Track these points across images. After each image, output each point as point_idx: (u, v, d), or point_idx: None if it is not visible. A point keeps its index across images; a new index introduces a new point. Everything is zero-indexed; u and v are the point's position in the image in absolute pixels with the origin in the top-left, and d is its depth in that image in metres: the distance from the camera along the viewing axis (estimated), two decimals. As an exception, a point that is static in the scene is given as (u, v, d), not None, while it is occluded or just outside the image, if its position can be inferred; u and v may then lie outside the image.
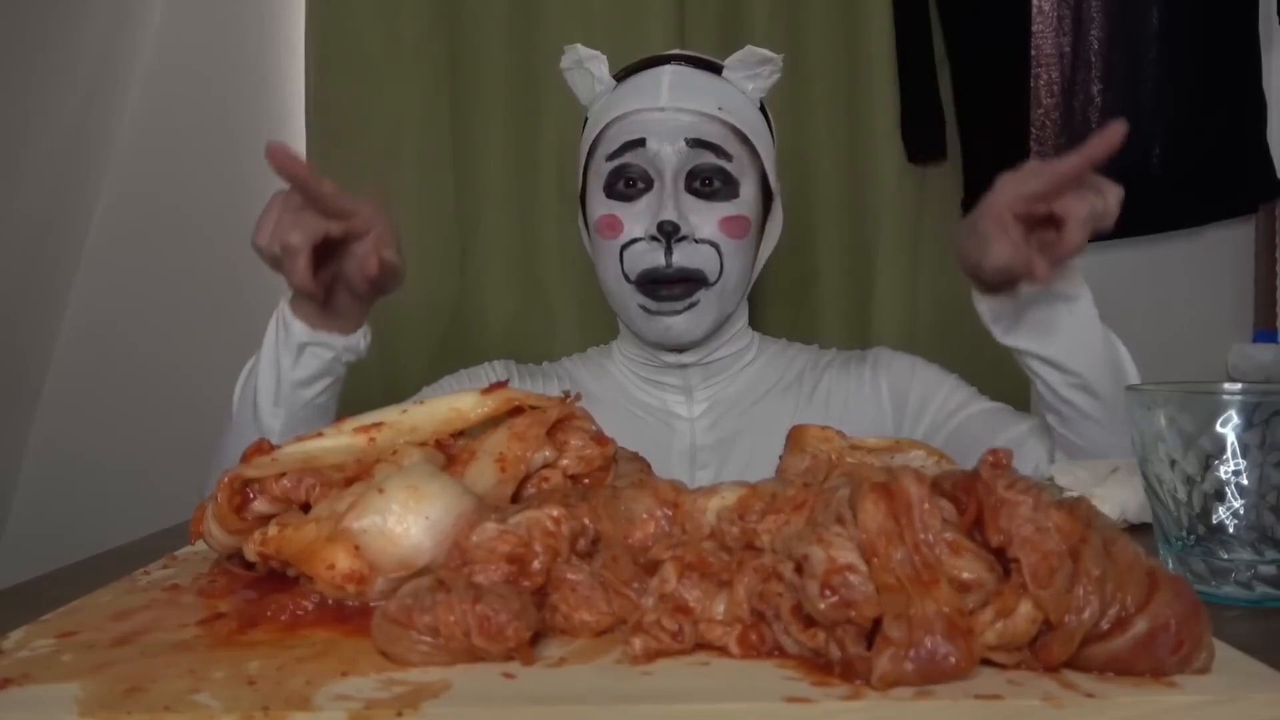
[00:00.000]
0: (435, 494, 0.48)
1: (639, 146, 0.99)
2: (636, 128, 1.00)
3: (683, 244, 0.98)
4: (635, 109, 1.00)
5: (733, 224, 1.00)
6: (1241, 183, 1.51)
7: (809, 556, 0.41)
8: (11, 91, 1.34)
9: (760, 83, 1.03)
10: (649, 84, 1.01)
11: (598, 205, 1.03)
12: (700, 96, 1.00)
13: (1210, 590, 0.58)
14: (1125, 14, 1.51)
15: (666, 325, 1.00)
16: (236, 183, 1.60)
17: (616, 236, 1.00)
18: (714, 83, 1.02)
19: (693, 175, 0.99)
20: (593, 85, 1.04)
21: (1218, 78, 1.49)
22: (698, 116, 1.00)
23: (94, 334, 1.61)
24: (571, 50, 1.05)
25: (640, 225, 0.99)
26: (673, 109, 0.99)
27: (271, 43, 1.59)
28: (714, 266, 0.99)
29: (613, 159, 1.01)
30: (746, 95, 1.03)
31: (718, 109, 1.00)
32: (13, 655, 0.44)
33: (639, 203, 1.00)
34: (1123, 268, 1.58)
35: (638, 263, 1.00)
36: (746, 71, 1.02)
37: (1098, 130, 0.83)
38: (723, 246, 0.99)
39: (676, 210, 0.98)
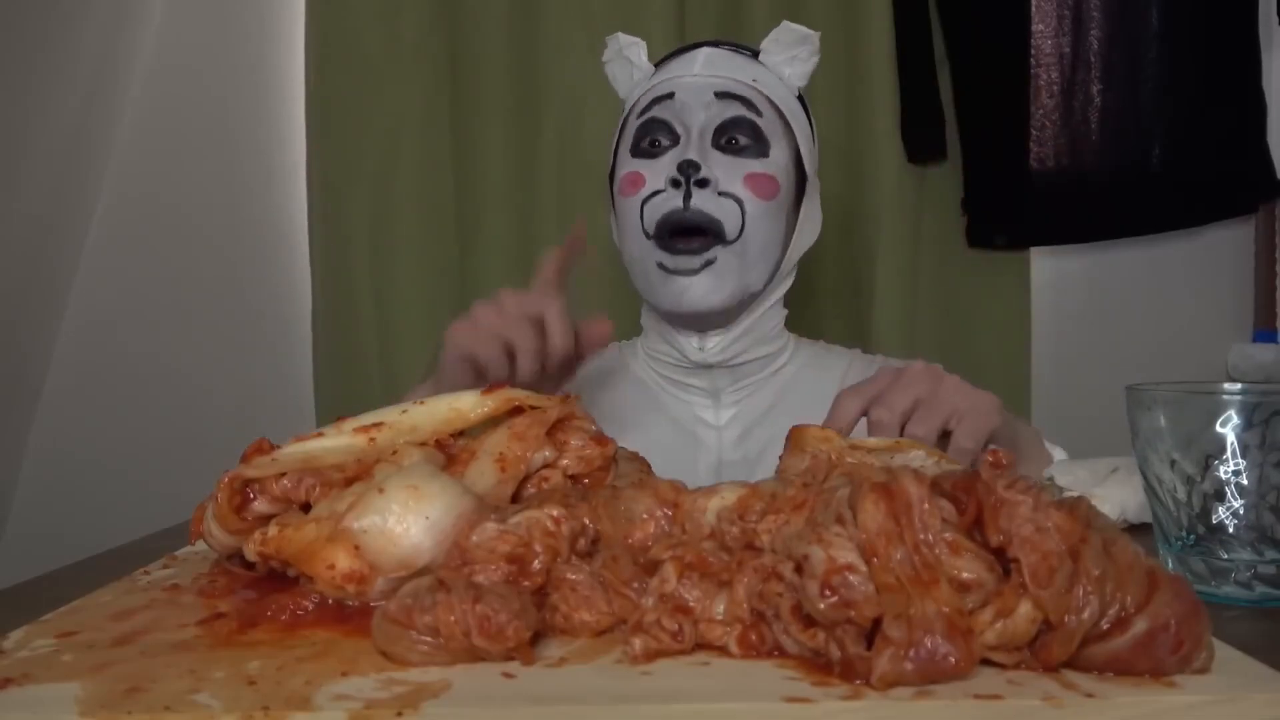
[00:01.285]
0: (435, 494, 0.48)
1: (667, 100, 0.97)
2: (667, 86, 0.98)
3: (703, 191, 0.92)
4: (668, 76, 0.99)
5: (759, 181, 0.94)
6: (1241, 183, 1.51)
7: (809, 556, 0.41)
8: (11, 91, 1.34)
9: (799, 67, 1.00)
10: (684, 59, 1.00)
11: (623, 165, 0.99)
12: (735, 68, 0.99)
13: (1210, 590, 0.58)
14: (1125, 14, 1.51)
15: (683, 287, 0.93)
16: (236, 183, 1.61)
17: (637, 192, 0.96)
18: (750, 63, 1.00)
19: (721, 131, 0.95)
20: (631, 74, 1.02)
21: (1218, 78, 1.49)
22: (729, 79, 0.97)
23: (94, 334, 1.62)
24: (613, 40, 1.03)
25: (662, 177, 0.95)
26: (705, 74, 0.97)
27: (271, 43, 1.59)
28: (734, 222, 0.93)
29: (641, 115, 0.98)
30: (784, 81, 1.00)
31: (752, 80, 0.98)
32: (13, 655, 0.44)
33: (663, 158, 0.96)
34: (1123, 268, 1.58)
35: (657, 212, 0.94)
36: (784, 54, 0.99)
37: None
38: (746, 204, 0.93)
39: (700, 154, 0.93)
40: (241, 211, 1.61)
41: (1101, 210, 1.54)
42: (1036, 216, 1.51)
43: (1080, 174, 1.53)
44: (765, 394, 1.01)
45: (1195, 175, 1.51)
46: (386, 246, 1.49)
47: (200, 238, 1.61)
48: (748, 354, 1.00)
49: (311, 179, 1.50)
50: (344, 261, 1.49)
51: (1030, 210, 1.50)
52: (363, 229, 1.49)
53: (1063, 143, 1.52)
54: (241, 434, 0.68)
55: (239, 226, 1.61)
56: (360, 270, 1.49)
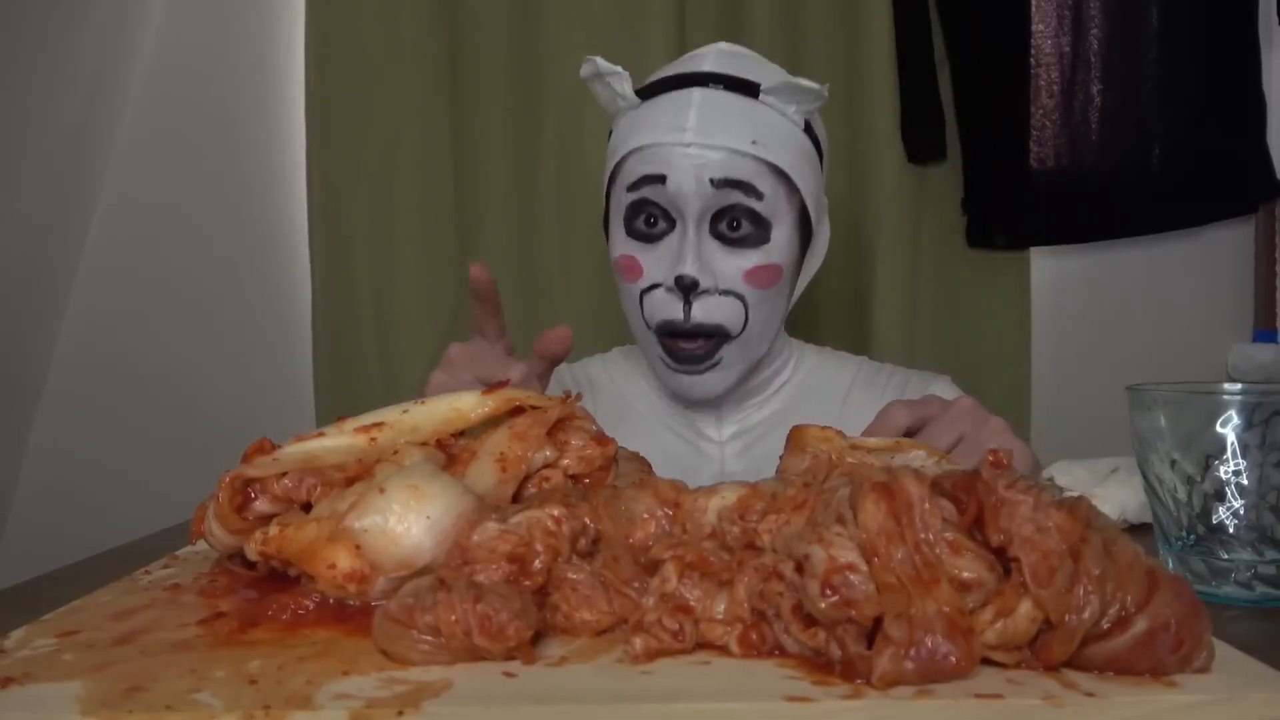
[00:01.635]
0: (436, 494, 0.48)
1: (659, 183, 0.90)
2: (657, 162, 0.91)
3: (703, 298, 0.90)
4: (657, 141, 0.91)
5: (760, 274, 0.91)
6: (1241, 183, 1.51)
7: (809, 556, 0.41)
8: (11, 91, 1.34)
9: (805, 105, 0.93)
10: (674, 110, 0.91)
11: (618, 243, 0.95)
12: (731, 129, 0.90)
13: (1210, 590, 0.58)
14: (1125, 14, 1.51)
15: (689, 384, 0.94)
16: (236, 183, 1.61)
17: (636, 281, 0.93)
18: (749, 108, 0.91)
19: (719, 217, 0.90)
20: (615, 99, 0.97)
21: (1218, 78, 1.49)
22: (727, 153, 0.89)
23: (94, 334, 1.61)
24: (589, 62, 0.97)
25: (660, 270, 0.92)
26: (699, 145, 0.89)
27: (271, 43, 1.59)
28: (737, 320, 0.91)
29: (632, 191, 0.93)
30: (788, 118, 0.92)
31: (751, 143, 0.89)
32: (14, 655, 0.44)
33: (659, 246, 0.92)
34: (1123, 268, 1.58)
35: (657, 312, 0.92)
36: (787, 96, 0.92)
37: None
38: (748, 298, 0.91)
39: (697, 260, 0.89)
40: (241, 211, 1.61)
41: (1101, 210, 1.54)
42: (1036, 216, 1.51)
43: (1080, 174, 1.53)
44: (769, 407, 1.02)
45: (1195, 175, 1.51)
46: (386, 246, 1.49)
47: (200, 238, 1.61)
48: (751, 382, 1.00)
49: (311, 179, 1.50)
50: (344, 261, 1.49)
51: (1030, 210, 1.50)
52: (363, 229, 1.49)
53: (1063, 143, 1.52)
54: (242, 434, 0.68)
55: (239, 226, 1.61)
56: (360, 270, 1.49)
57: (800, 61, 1.46)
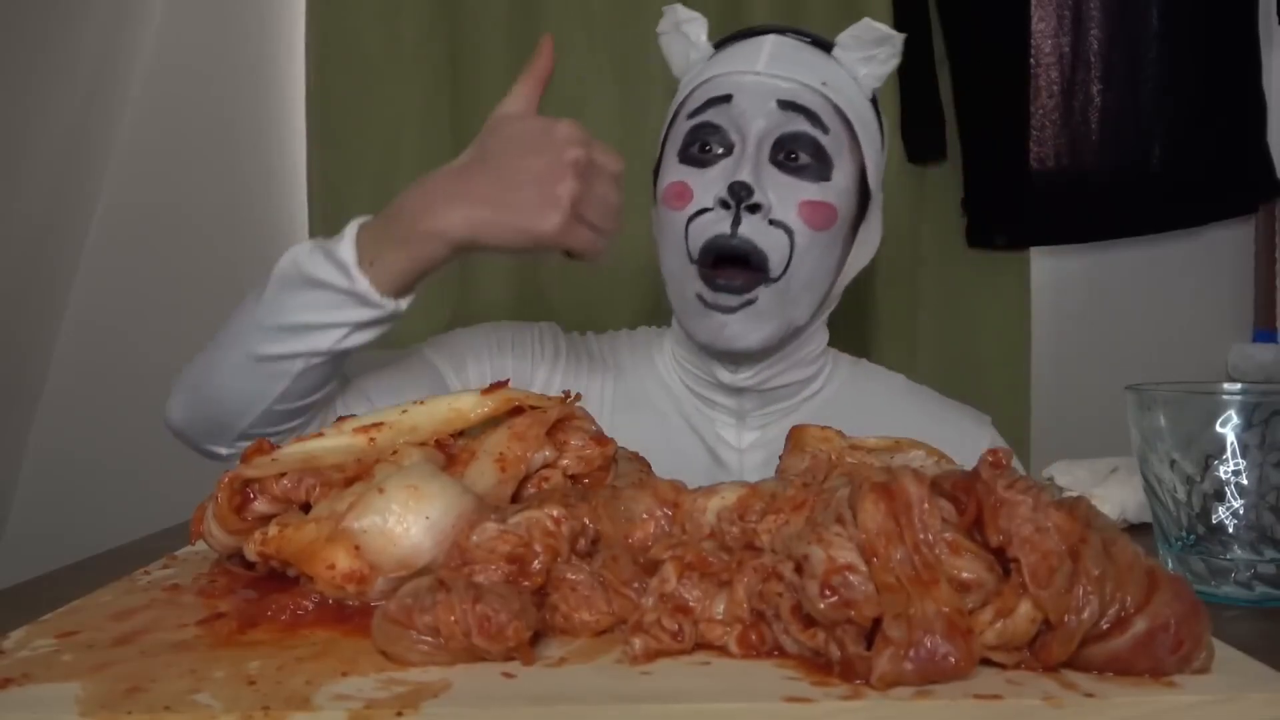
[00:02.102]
0: (435, 494, 0.48)
1: (724, 103, 0.88)
2: (725, 86, 0.89)
3: (754, 216, 0.85)
4: (727, 71, 0.89)
5: (816, 210, 0.86)
6: (1241, 183, 1.51)
7: (809, 556, 0.41)
8: (11, 91, 1.34)
9: (875, 68, 0.91)
10: (747, 50, 0.91)
11: (669, 171, 0.90)
12: (803, 68, 0.89)
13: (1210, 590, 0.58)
14: (1125, 14, 1.51)
15: (720, 324, 0.87)
16: (236, 183, 1.61)
17: (684, 207, 0.88)
18: (821, 59, 0.91)
19: (780, 145, 0.87)
20: (688, 51, 0.94)
21: (1218, 78, 1.49)
22: (797, 84, 0.88)
23: (94, 334, 1.61)
24: (670, 12, 0.94)
25: (711, 193, 0.86)
26: (769, 74, 0.88)
27: (271, 43, 1.59)
28: (780, 255, 0.86)
29: (694, 116, 0.89)
30: (857, 81, 0.91)
31: (821, 84, 0.88)
32: (13, 655, 0.44)
33: (713, 169, 0.87)
34: (1123, 268, 1.58)
35: (703, 233, 0.86)
36: (860, 52, 0.90)
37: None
38: (797, 235, 0.86)
39: (754, 175, 0.85)
40: (242, 211, 1.61)
41: (1101, 210, 1.54)
42: (1036, 216, 1.51)
43: (1080, 174, 1.53)
44: (794, 418, 0.92)
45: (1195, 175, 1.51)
46: (386, 246, 1.49)
47: (200, 238, 1.61)
48: (781, 379, 0.94)
49: (311, 179, 1.50)
50: (344, 261, 1.49)
51: (1030, 210, 1.50)
52: (363, 229, 1.49)
53: (1063, 143, 1.52)
54: (241, 434, 0.68)
55: (239, 227, 1.61)
56: (360, 270, 1.49)
57: (800, 61, 1.46)
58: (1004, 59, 1.48)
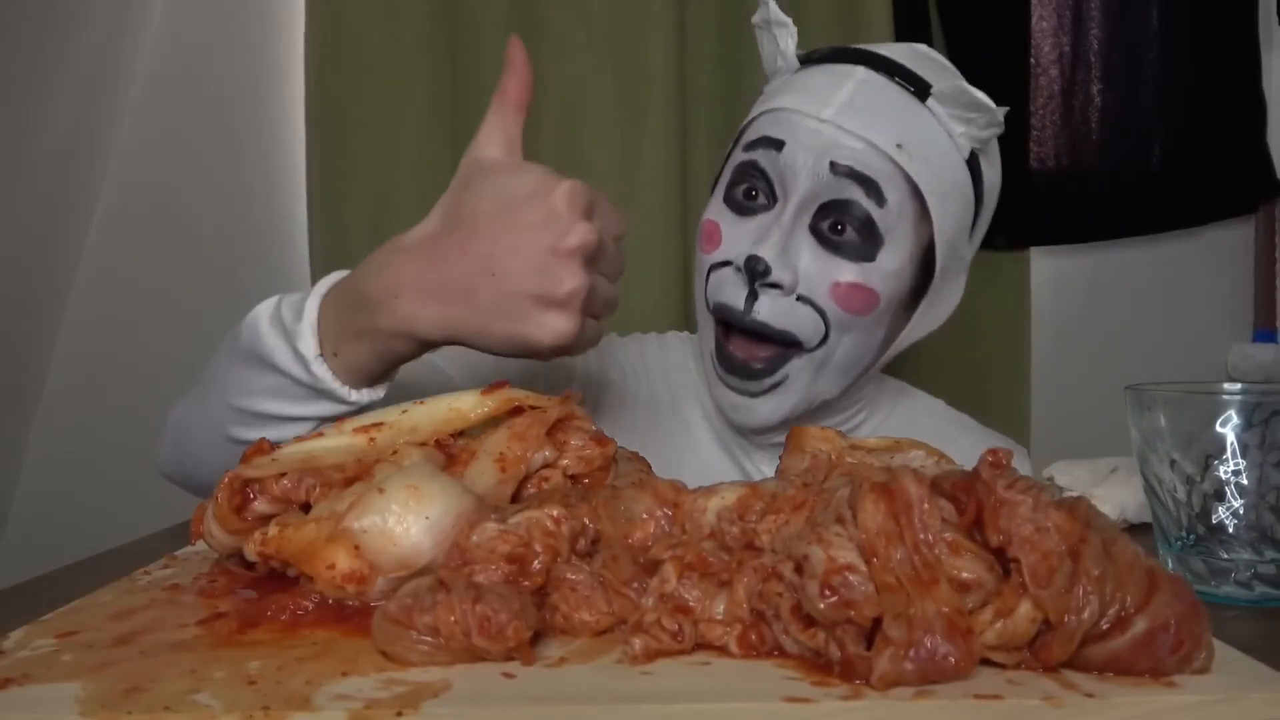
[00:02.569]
0: (435, 494, 0.48)
1: (774, 149, 0.78)
2: (783, 127, 0.78)
3: (773, 294, 0.76)
4: (794, 108, 0.79)
5: (852, 294, 0.76)
6: (1241, 183, 1.51)
7: (809, 556, 0.41)
8: (11, 92, 1.34)
9: (973, 130, 0.80)
10: (828, 83, 0.80)
11: (711, 207, 0.83)
12: (880, 122, 0.77)
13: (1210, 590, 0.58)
14: (1125, 14, 1.51)
15: (737, 405, 0.80)
16: (237, 183, 1.61)
17: (711, 252, 0.80)
18: (910, 109, 0.79)
19: (824, 212, 0.77)
20: (775, 57, 0.85)
21: (1218, 78, 1.49)
22: (864, 145, 0.76)
23: (94, 334, 1.61)
24: (764, 7, 0.85)
25: (739, 246, 0.78)
26: (835, 125, 0.76)
27: (271, 43, 1.59)
28: (814, 330, 0.77)
29: (746, 152, 0.80)
30: (953, 138, 0.80)
31: (896, 146, 0.76)
32: (13, 655, 0.44)
33: (750, 222, 0.79)
34: (1123, 268, 1.58)
35: (718, 292, 0.79)
36: (956, 110, 0.79)
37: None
38: (830, 316, 0.76)
39: (781, 248, 0.75)
40: (241, 212, 1.61)
41: (1101, 210, 1.54)
42: (1036, 216, 1.51)
43: (1080, 174, 1.53)
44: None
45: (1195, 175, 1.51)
46: (386, 247, 1.49)
47: (200, 238, 1.61)
48: (824, 420, 0.86)
49: (311, 179, 1.50)
50: (344, 262, 1.47)
51: (1030, 210, 1.50)
52: (363, 229, 1.49)
53: (1063, 143, 1.52)
54: (241, 434, 0.68)
55: (239, 227, 1.61)
56: (360, 270, 1.49)
57: (800, 61, 1.46)
58: (1004, 59, 1.48)
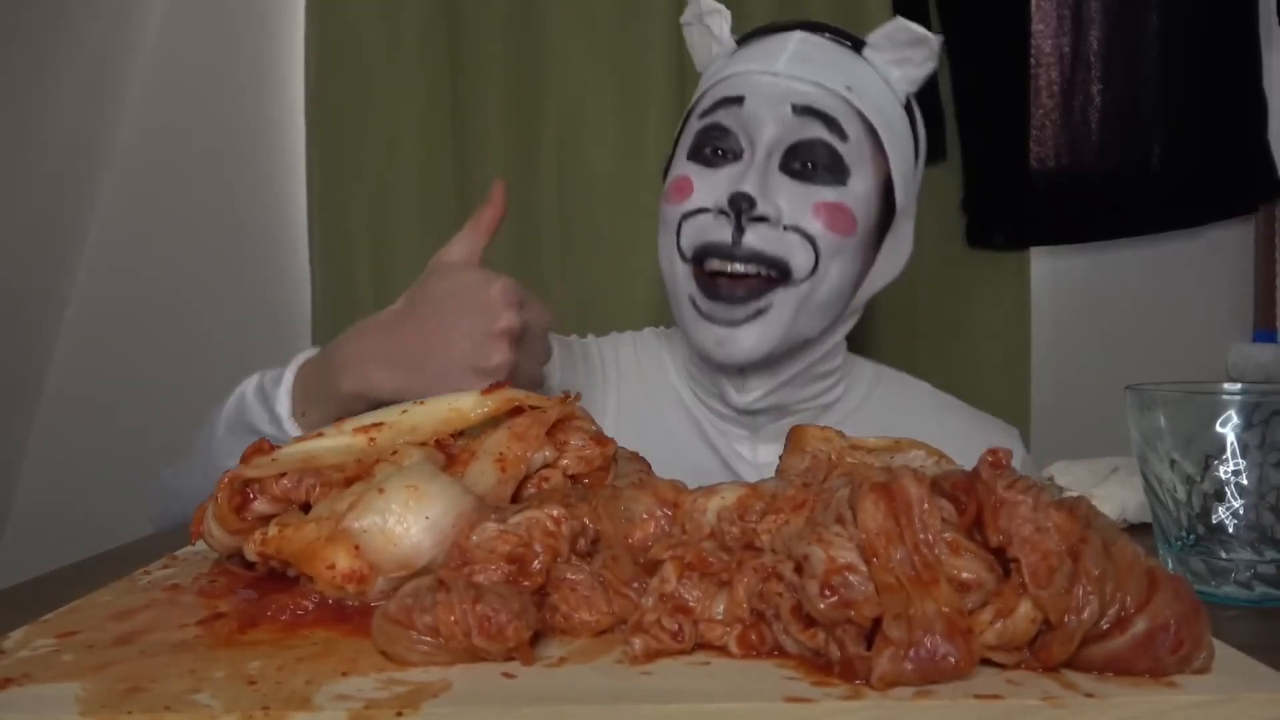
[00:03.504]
0: (435, 494, 0.48)
1: (735, 105, 0.81)
2: (739, 86, 0.82)
3: (759, 225, 0.78)
4: (745, 70, 0.83)
5: (834, 213, 0.78)
6: (1241, 183, 1.51)
7: (809, 556, 0.41)
8: (11, 91, 1.34)
9: (910, 70, 0.84)
10: (769, 47, 0.84)
11: (676, 167, 0.85)
12: (827, 70, 0.82)
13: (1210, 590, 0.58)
14: (1125, 14, 1.51)
15: (722, 337, 0.80)
16: (236, 183, 1.61)
17: (682, 201, 0.82)
18: (849, 59, 0.84)
19: (793, 153, 0.80)
20: (710, 45, 0.88)
21: (1218, 78, 1.49)
22: (816, 87, 0.81)
23: (94, 334, 1.61)
24: (693, 4, 0.88)
25: (712, 194, 0.80)
26: (787, 75, 0.81)
27: (271, 43, 1.59)
28: (805, 259, 0.78)
29: (705, 116, 0.83)
30: (890, 85, 0.84)
31: (845, 88, 0.81)
32: (13, 655, 0.44)
33: (720, 171, 0.81)
34: (1123, 268, 1.58)
35: (698, 234, 0.80)
36: (894, 54, 0.83)
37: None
38: (820, 240, 0.78)
39: (760, 185, 0.78)
40: (241, 211, 1.61)
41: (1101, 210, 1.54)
42: (1036, 216, 1.51)
43: (1080, 174, 1.53)
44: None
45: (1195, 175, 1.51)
46: (386, 246, 1.49)
47: (200, 238, 1.61)
48: (793, 396, 0.88)
49: (311, 179, 1.50)
50: (344, 261, 1.49)
51: (1030, 210, 1.50)
52: (363, 229, 1.49)
53: (1063, 143, 1.52)
54: (241, 434, 0.68)
55: (239, 227, 1.61)
56: (360, 270, 1.49)
57: (800, 61, 1.46)
58: (1004, 59, 1.48)
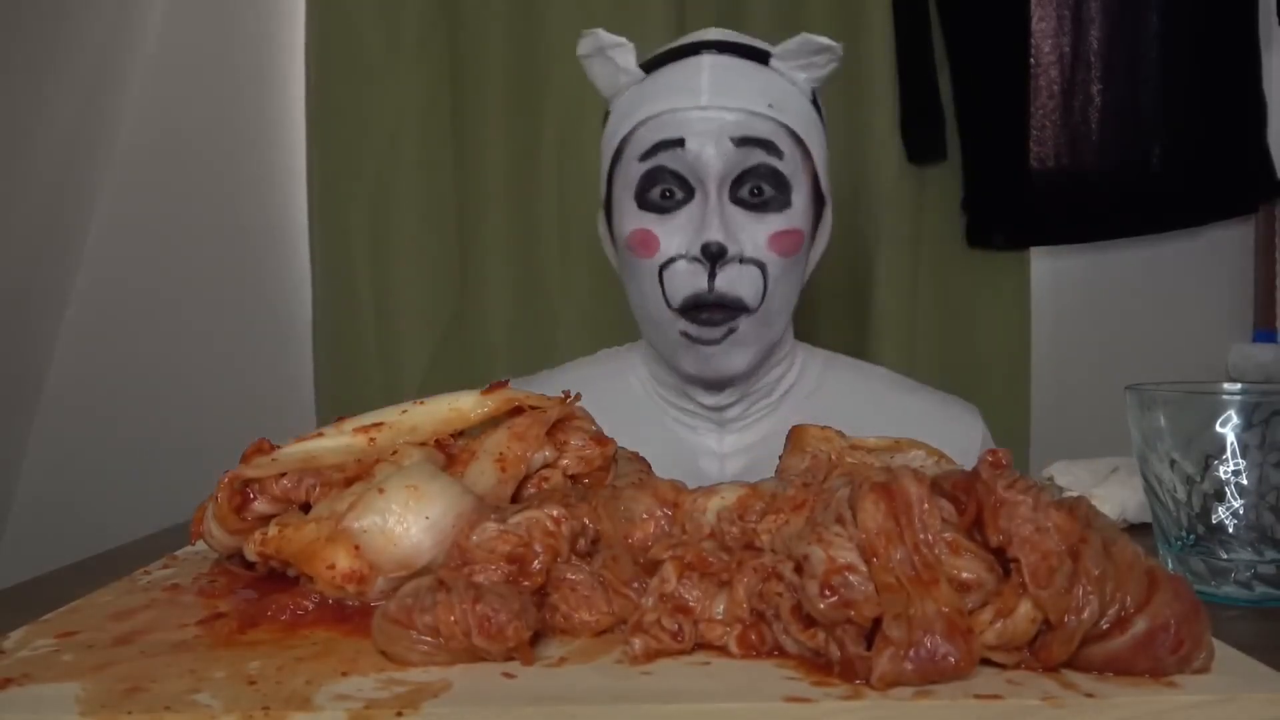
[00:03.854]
0: (435, 494, 0.48)
1: (676, 147, 0.86)
2: (674, 126, 0.87)
3: (727, 267, 0.86)
4: (671, 107, 0.87)
5: (785, 240, 0.88)
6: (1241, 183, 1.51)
7: (809, 556, 0.41)
8: (11, 91, 1.34)
9: (815, 72, 0.91)
10: (685, 77, 0.88)
11: (629, 219, 0.89)
12: (747, 92, 0.88)
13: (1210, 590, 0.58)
14: (1125, 14, 1.51)
15: (706, 355, 0.88)
16: (237, 183, 1.61)
17: (652, 255, 0.88)
18: (760, 74, 0.89)
19: (740, 181, 0.87)
20: (616, 76, 0.92)
21: (1218, 78, 1.49)
22: (745, 114, 0.87)
23: (94, 334, 1.61)
24: (591, 35, 0.94)
25: (678, 241, 0.87)
26: (716, 106, 0.86)
27: (271, 43, 1.59)
28: (755, 291, 0.87)
29: (645, 159, 0.88)
30: (798, 86, 0.90)
31: (768, 106, 0.87)
32: (13, 655, 0.44)
33: (678, 215, 0.87)
34: (1123, 268, 1.58)
35: (680, 287, 0.87)
36: (799, 60, 0.90)
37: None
38: (770, 267, 0.87)
39: (723, 227, 0.85)
40: (242, 211, 1.61)
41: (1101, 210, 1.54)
42: (1036, 216, 1.51)
43: (1080, 174, 1.52)
44: (773, 418, 0.94)
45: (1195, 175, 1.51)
46: (386, 246, 1.49)
47: (200, 238, 1.61)
48: (754, 385, 0.94)
49: (311, 179, 1.50)
50: (344, 261, 1.49)
51: (1030, 210, 1.50)
52: (363, 229, 1.49)
53: (1063, 143, 1.52)
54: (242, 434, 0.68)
55: (239, 226, 1.61)
56: (360, 270, 1.49)
57: (800, 61, 1.46)
58: (1004, 59, 1.47)
